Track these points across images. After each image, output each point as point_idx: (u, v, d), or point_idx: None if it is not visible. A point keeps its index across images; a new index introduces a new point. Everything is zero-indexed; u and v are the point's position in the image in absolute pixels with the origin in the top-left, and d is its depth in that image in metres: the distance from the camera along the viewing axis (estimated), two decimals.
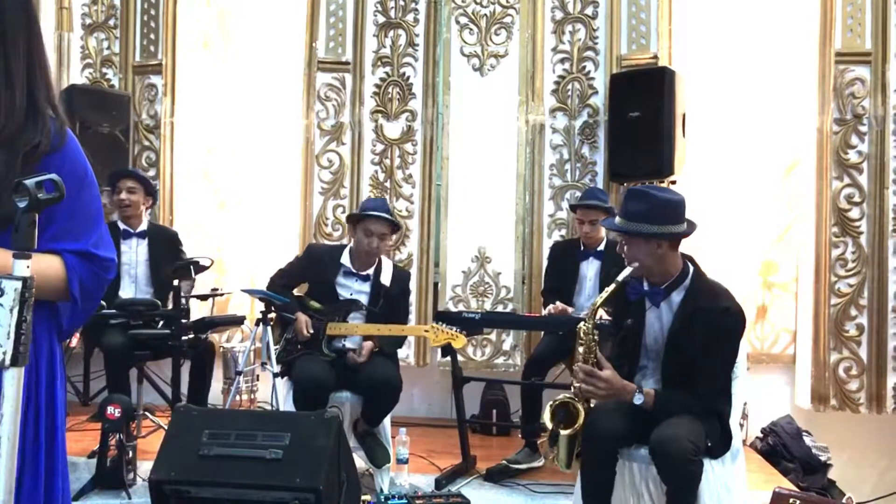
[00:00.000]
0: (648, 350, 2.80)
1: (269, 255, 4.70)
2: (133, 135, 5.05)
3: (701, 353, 2.62)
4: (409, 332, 3.61)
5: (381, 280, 3.72)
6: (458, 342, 3.57)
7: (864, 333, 4.43)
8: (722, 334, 2.64)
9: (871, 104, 4.43)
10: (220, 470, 2.42)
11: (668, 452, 2.47)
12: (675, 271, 2.72)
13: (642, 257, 2.68)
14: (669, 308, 2.73)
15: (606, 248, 4.08)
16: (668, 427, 2.54)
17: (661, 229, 2.64)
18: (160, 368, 4.47)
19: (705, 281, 2.75)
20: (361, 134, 4.94)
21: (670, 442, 2.48)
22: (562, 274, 4.19)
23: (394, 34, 4.94)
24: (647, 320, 2.78)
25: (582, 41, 4.81)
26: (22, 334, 1.00)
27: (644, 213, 2.65)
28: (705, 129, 4.64)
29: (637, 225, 2.65)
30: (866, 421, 4.47)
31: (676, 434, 2.49)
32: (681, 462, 2.45)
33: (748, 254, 4.66)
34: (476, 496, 3.37)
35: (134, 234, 4.25)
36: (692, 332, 2.65)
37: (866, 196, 4.43)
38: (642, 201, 2.69)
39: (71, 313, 1.42)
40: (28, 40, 1.37)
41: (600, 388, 2.65)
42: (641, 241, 2.66)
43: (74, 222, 1.37)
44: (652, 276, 2.74)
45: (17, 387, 1.03)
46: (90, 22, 5.16)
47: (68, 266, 1.37)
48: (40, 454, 1.35)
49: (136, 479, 3.47)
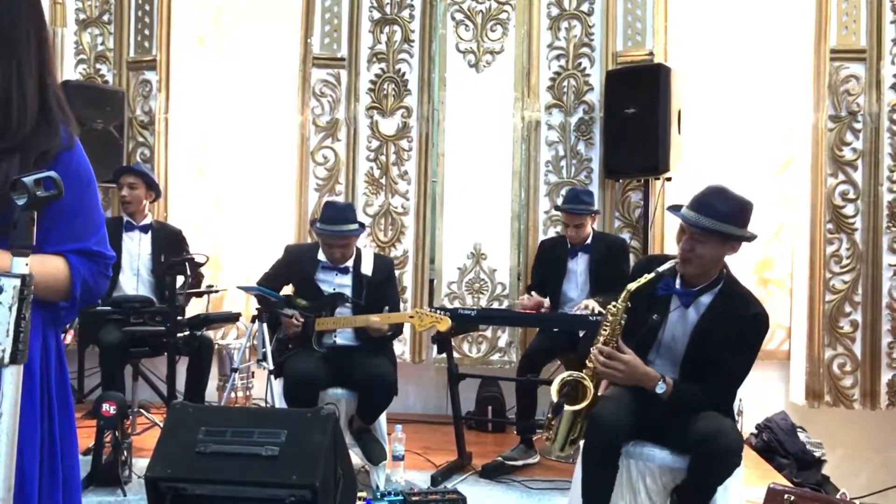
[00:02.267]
0: (662, 346, 2.75)
1: (264, 251, 4.68)
2: (127, 131, 5.03)
3: (721, 355, 2.59)
4: (394, 318, 3.60)
5: (361, 271, 3.70)
6: (442, 325, 3.54)
7: (859, 330, 4.45)
8: (748, 338, 2.62)
9: (866, 101, 4.44)
10: (217, 467, 2.41)
11: (720, 445, 2.45)
12: (716, 274, 2.68)
13: (711, 258, 2.61)
14: (696, 310, 2.68)
15: (593, 242, 4.15)
16: (707, 420, 2.51)
17: (741, 233, 2.59)
18: (154, 365, 4.46)
19: (737, 286, 2.72)
20: (357, 130, 4.93)
21: (720, 435, 2.46)
22: (550, 270, 4.24)
23: (389, 30, 4.92)
24: (670, 318, 2.72)
25: (578, 38, 4.81)
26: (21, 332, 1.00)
27: (730, 213, 2.56)
28: (700, 125, 4.65)
29: (726, 226, 2.56)
30: (860, 417, 4.50)
31: (721, 427, 2.48)
32: (730, 454, 2.46)
33: (743, 250, 4.57)
34: (472, 493, 3.37)
35: (137, 227, 4.25)
36: (716, 335, 2.61)
37: (861, 193, 4.45)
38: (729, 201, 2.60)
39: (67, 311, 1.43)
40: (38, 44, 1.37)
41: (620, 370, 2.61)
42: (717, 241, 2.58)
43: (79, 223, 1.38)
44: (696, 277, 2.68)
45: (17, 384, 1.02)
46: (84, 17, 5.13)
47: (72, 267, 1.38)
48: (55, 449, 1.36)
49: (132, 476, 3.46)
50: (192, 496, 2.43)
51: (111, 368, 3.83)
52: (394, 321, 3.60)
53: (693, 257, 2.61)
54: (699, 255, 2.60)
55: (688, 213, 2.63)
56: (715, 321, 2.63)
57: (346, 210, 3.72)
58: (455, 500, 3.21)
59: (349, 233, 3.62)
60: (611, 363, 2.62)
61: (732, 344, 2.59)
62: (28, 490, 1.26)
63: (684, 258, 2.64)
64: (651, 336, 2.75)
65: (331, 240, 3.62)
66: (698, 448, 2.49)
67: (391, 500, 3.13)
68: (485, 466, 3.79)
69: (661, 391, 2.58)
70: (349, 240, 3.66)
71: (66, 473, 1.40)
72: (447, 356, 3.96)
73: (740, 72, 4.64)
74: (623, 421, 2.61)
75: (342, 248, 3.64)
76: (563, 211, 4.15)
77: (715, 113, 4.67)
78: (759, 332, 2.64)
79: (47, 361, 1.36)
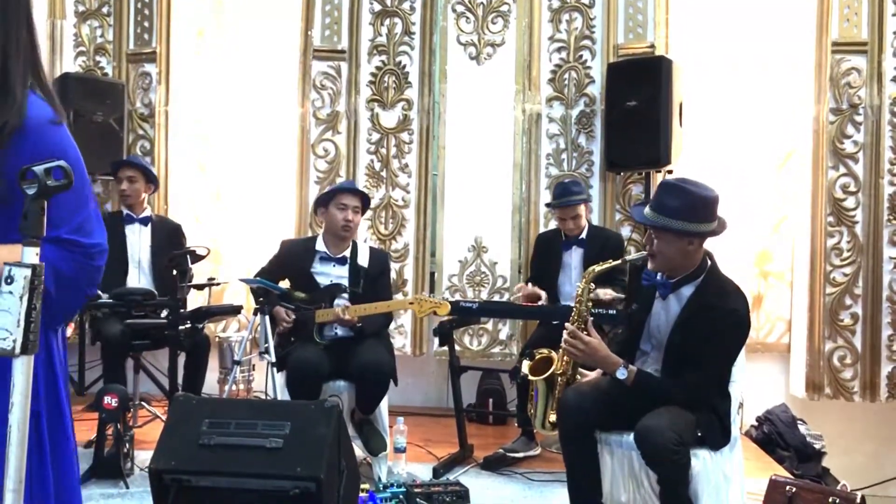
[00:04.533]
0: (652, 337, 2.81)
1: (264, 244, 4.67)
2: (127, 124, 5.02)
3: (703, 350, 2.61)
4: (394, 306, 3.66)
5: (358, 262, 3.72)
6: (442, 309, 3.56)
7: (859, 322, 4.45)
8: (723, 333, 2.62)
9: (868, 94, 4.44)
10: (221, 459, 2.41)
11: (649, 442, 2.47)
12: (692, 267, 2.70)
13: (670, 253, 2.65)
14: (679, 301, 2.72)
15: (588, 236, 4.13)
16: (652, 417, 2.53)
17: (695, 227, 2.61)
18: (155, 358, 4.46)
19: (719, 277, 2.73)
20: (357, 123, 4.92)
21: (652, 432, 2.47)
22: (546, 264, 4.24)
23: (390, 22, 4.91)
24: (655, 309, 2.79)
25: (579, 30, 4.80)
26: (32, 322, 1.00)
27: (679, 209, 2.61)
28: (702, 118, 4.65)
29: (671, 221, 2.60)
30: (860, 409, 4.51)
31: (659, 424, 2.48)
32: (663, 452, 2.44)
33: (744, 243, 4.67)
34: (474, 484, 3.38)
35: (136, 220, 4.25)
36: (696, 327, 2.63)
37: (862, 186, 4.45)
38: (678, 197, 2.63)
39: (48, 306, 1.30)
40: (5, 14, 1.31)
41: (580, 349, 2.69)
42: (673, 236, 2.62)
43: (49, 210, 1.26)
44: (672, 271, 2.72)
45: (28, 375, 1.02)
46: (83, 9, 5.11)
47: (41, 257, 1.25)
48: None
49: (134, 468, 3.47)
50: (196, 488, 2.42)
51: (113, 361, 3.83)
52: (394, 308, 3.64)
53: (655, 253, 2.69)
54: (660, 251, 2.67)
55: (643, 211, 2.74)
56: (694, 313, 2.66)
57: (353, 182, 3.95)
58: (458, 491, 3.22)
59: (363, 192, 3.77)
60: (572, 342, 2.72)
61: (707, 338, 2.60)
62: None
63: (649, 254, 2.73)
64: (639, 326, 2.82)
65: (346, 198, 3.67)
66: (637, 445, 2.53)
67: (394, 492, 3.14)
68: (486, 458, 3.80)
69: (622, 377, 2.64)
70: (360, 204, 3.70)
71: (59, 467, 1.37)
72: (449, 349, 3.96)
73: (742, 64, 4.63)
74: (588, 405, 2.70)
75: (354, 211, 3.67)
76: (556, 206, 4.14)
77: (716, 105, 4.66)
78: (732, 328, 2.63)
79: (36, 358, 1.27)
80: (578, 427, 2.70)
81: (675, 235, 2.62)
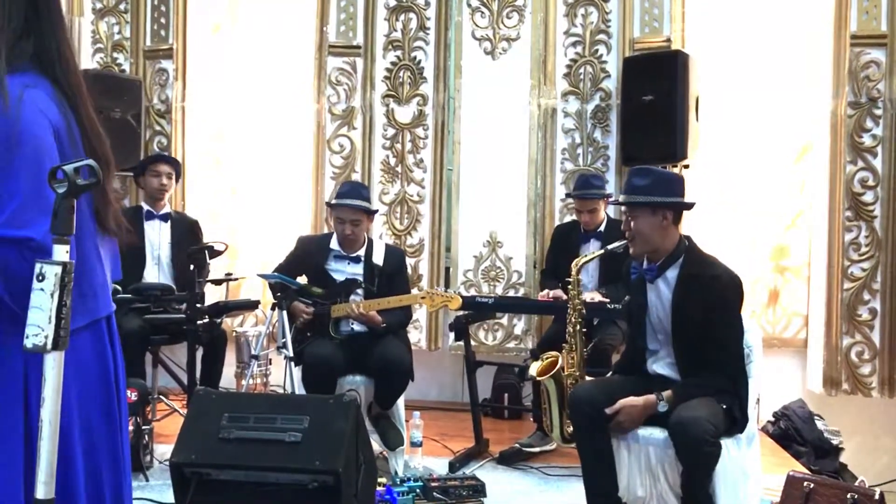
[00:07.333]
0: (656, 331, 2.84)
1: (280, 239, 4.70)
2: (145, 120, 5.06)
3: (704, 325, 2.66)
4: (406, 300, 3.66)
5: (373, 260, 3.72)
6: (453, 303, 3.59)
7: (877, 318, 4.42)
8: (717, 301, 2.69)
9: (887, 87, 4.39)
10: (240, 453, 2.44)
11: (688, 434, 2.50)
12: (671, 247, 2.78)
13: (647, 230, 2.75)
14: (667, 284, 2.79)
15: (607, 228, 4.13)
16: (687, 409, 2.57)
17: (665, 199, 2.73)
18: (173, 352, 4.50)
19: (698, 253, 2.82)
20: (373, 118, 4.93)
21: (690, 424, 2.51)
22: (563, 256, 4.21)
23: (405, 18, 4.91)
24: (650, 300, 2.83)
25: (594, 24, 4.78)
26: (62, 318, 1.01)
27: (649, 186, 2.76)
28: (718, 112, 4.61)
29: (644, 197, 2.74)
30: (878, 405, 4.48)
31: (696, 416, 2.52)
32: (700, 444, 2.48)
33: (760, 238, 4.65)
34: (489, 479, 3.39)
35: (157, 216, 4.30)
36: (691, 302, 2.71)
37: (880, 179, 4.41)
38: (646, 176, 2.79)
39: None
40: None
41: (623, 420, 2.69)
42: (648, 213, 2.74)
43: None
44: (654, 252, 2.80)
45: (59, 370, 1.04)
46: (100, 6, 5.15)
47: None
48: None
49: (153, 461, 3.50)
50: (216, 481, 2.45)
51: (132, 355, 3.85)
52: (406, 303, 3.65)
53: (634, 234, 2.79)
54: (638, 231, 2.78)
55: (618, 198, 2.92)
56: (686, 291, 2.73)
57: (360, 187, 3.81)
58: (474, 485, 3.23)
59: (360, 207, 3.63)
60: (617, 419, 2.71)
61: (707, 312, 2.67)
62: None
63: (629, 239, 2.83)
64: (640, 321, 2.87)
65: (343, 213, 3.63)
66: (673, 437, 2.58)
67: (411, 486, 3.16)
68: (502, 453, 3.82)
69: (664, 409, 2.67)
70: (360, 216, 3.64)
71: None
72: (464, 344, 3.98)
73: (759, 58, 4.59)
74: (598, 397, 2.74)
75: (353, 224, 3.63)
76: (575, 197, 4.15)
77: (733, 99, 4.63)
78: (725, 291, 2.70)
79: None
80: (591, 420, 2.73)
81: (650, 213, 2.74)
